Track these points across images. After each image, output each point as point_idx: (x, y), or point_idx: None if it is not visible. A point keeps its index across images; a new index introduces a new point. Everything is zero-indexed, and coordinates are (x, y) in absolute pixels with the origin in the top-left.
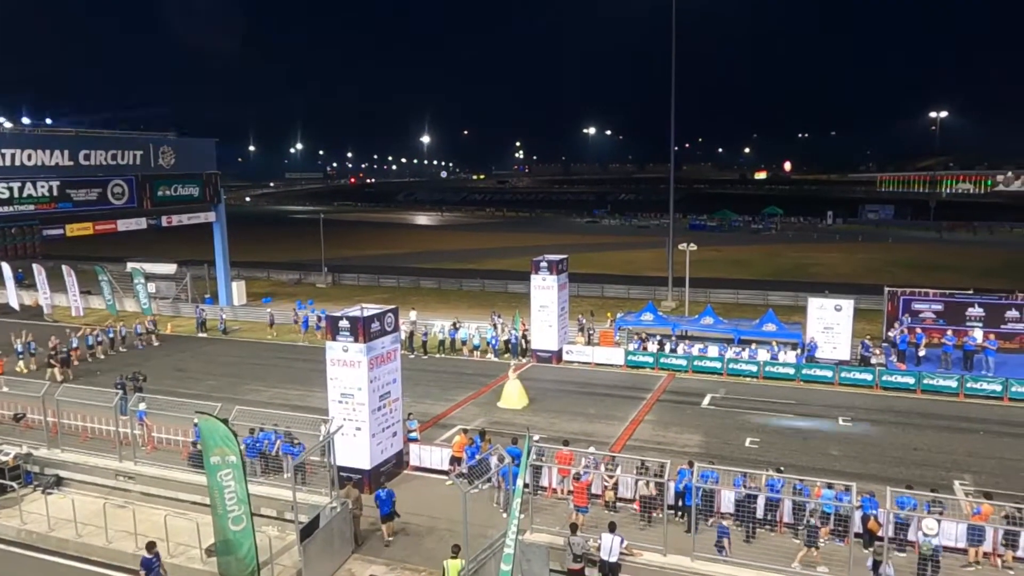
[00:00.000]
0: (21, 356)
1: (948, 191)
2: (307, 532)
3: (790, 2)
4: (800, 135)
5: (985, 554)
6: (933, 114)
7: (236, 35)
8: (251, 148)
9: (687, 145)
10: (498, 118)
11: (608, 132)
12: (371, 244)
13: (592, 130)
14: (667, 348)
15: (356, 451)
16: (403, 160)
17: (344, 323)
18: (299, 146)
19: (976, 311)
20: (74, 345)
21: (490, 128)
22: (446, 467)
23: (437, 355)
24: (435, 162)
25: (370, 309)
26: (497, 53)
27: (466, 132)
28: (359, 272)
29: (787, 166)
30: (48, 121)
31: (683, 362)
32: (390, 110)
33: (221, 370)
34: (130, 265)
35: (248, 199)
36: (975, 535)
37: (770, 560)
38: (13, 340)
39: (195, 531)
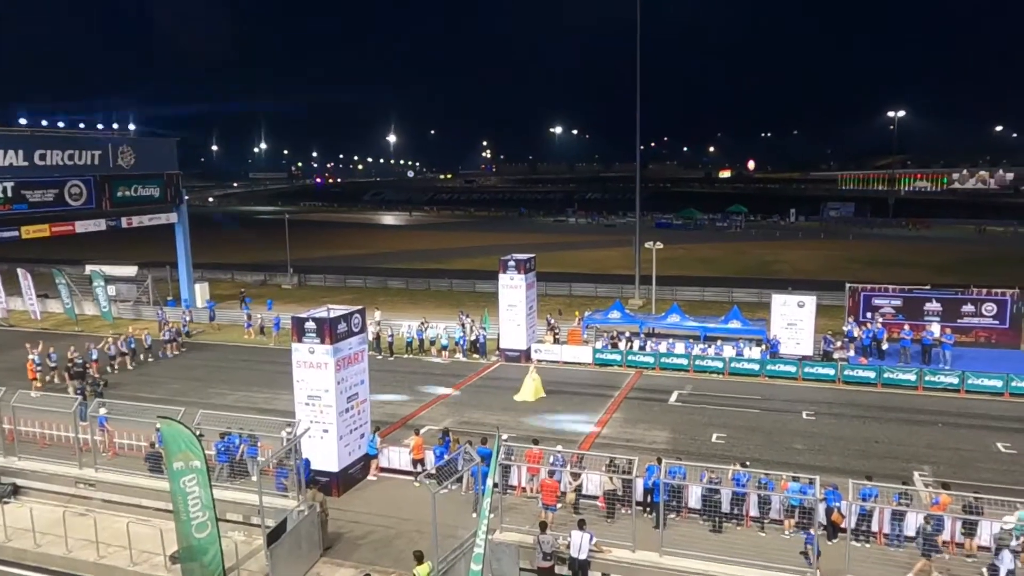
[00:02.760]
0: (39, 368)
1: (906, 189)
2: (274, 536)
3: (754, 4)
4: (763, 135)
5: (944, 543)
6: (891, 114)
7: (198, 33)
8: (214, 148)
9: (653, 144)
10: (465, 117)
11: (575, 132)
12: (338, 245)
13: (559, 129)
14: (635, 346)
15: (323, 453)
16: (369, 160)
17: (310, 324)
18: (263, 146)
19: (933, 306)
20: (93, 357)
21: (457, 127)
22: (415, 468)
23: (405, 356)
24: (402, 162)
25: (336, 310)
26: (463, 52)
27: (433, 131)
28: (325, 273)
29: (751, 165)
30: None
31: (650, 359)
32: (356, 109)
33: (185, 373)
34: (89, 267)
35: (211, 200)
36: (936, 525)
37: (737, 554)
38: (29, 351)
39: (159, 538)
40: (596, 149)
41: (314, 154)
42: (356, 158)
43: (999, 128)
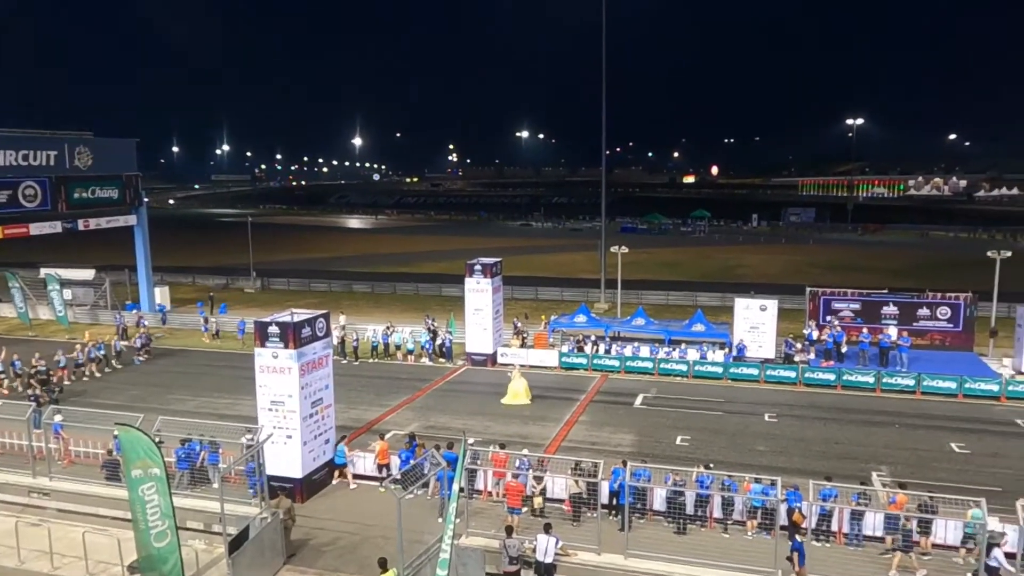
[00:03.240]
0: (2, 375)
1: (864, 195)
2: (236, 544)
3: (717, 13)
4: (726, 141)
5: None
6: (850, 122)
7: (159, 33)
8: (175, 149)
9: (618, 149)
10: (431, 121)
11: (541, 136)
12: (302, 248)
13: (525, 134)
14: (600, 349)
15: (287, 460)
16: (334, 162)
17: (273, 329)
18: (225, 147)
19: (890, 309)
20: (61, 364)
21: (423, 131)
22: (380, 474)
23: (370, 360)
24: (367, 164)
25: (300, 314)
26: (430, 56)
27: (399, 134)
28: (289, 276)
29: (714, 170)
30: None
31: (616, 363)
32: (320, 112)
33: (144, 379)
34: (44, 271)
35: (172, 202)
36: (891, 524)
37: (701, 555)
38: None
39: (116, 548)
40: (562, 153)
41: (278, 156)
42: (321, 161)
43: (953, 137)
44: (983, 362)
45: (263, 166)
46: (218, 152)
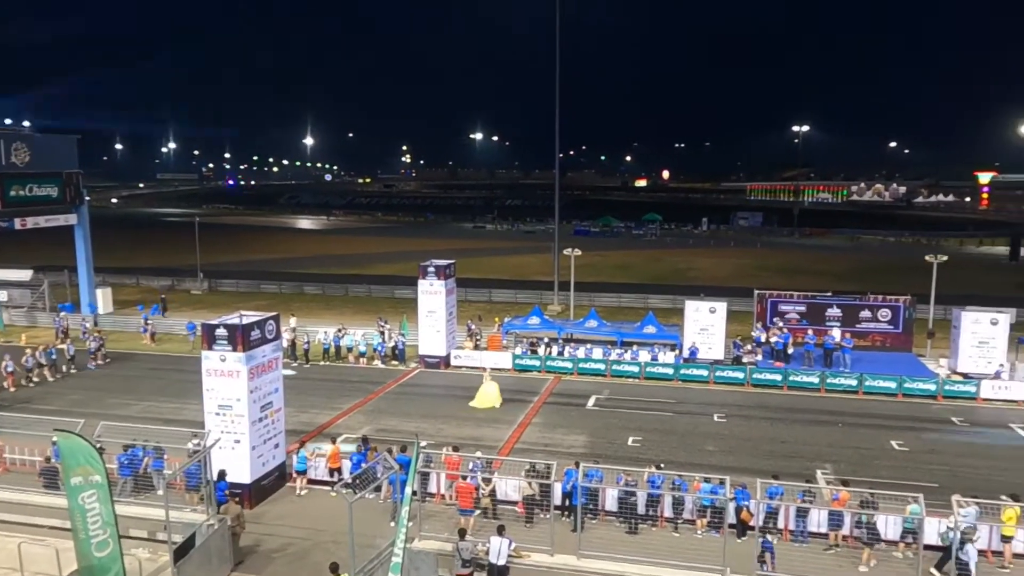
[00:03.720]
0: None
1: (810, 200)
2: (181, 552)
3: (669, 20)
4: (677, 145)
5: (844, 537)
6: (796, 128)
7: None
8: (118, 147)
9: (572, 152)
10: (384, 121)
11: (495, 138)
12: (251, 249)
13: (479, 136)
14: (553, 351)
15: (236, 465)
16: (285, 162)
17: (221, 331)
18: (172, 145)
19: (834, 312)
20: (9, 369)
21: (376, 131)
22: (332, 478)
23: (321, 363)
24: (319, 164)
25: (249, 316)
26: (384, 56)
27: (351, 135)
28: (238, 278)
29: (665, 174)
30: None
31: (569, 364)
32: (270, 110)
33: (86, 383)
34: None
35: (115, 201)
36: (835, 520)
37: (652, 554)
38: None
39: (54, 558)
40: (516, 156)
41: (227, 155)
42: (271, 160)
43: (893, 144)
44: (921, 363)
45: (211, 165)
46: (164, 150)
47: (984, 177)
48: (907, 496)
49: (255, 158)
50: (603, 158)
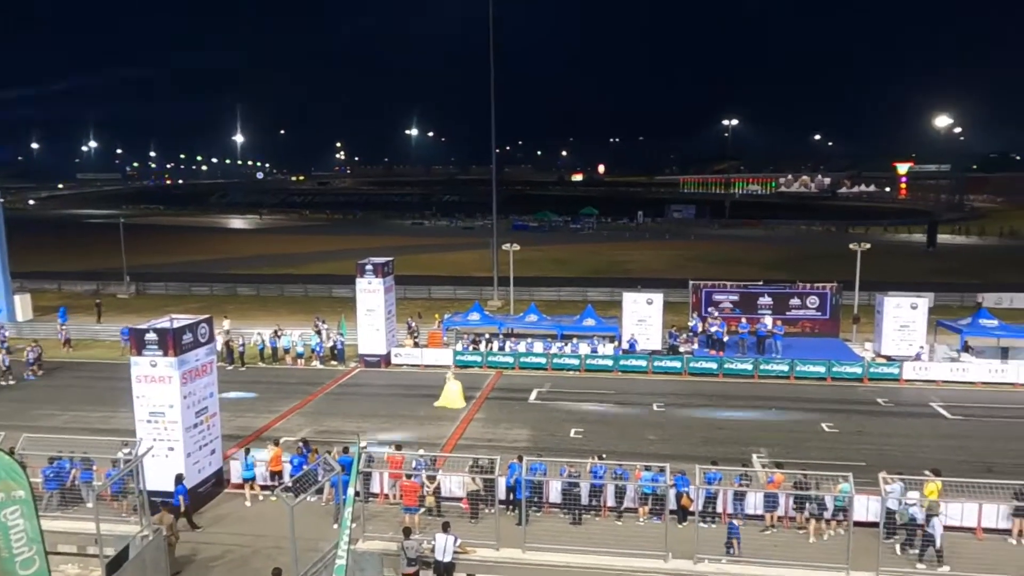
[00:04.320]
0: None
1: (740, 192)
2: (114, 566)
3: (601, 14)
4: (612, 140)
5: (779, 518)
6: (726, 122)
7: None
8: (34, 145)
9: (508, 148)
10: (317, 117)
11: (431, 134)
12: (181, 250)
13: (415, 132)
14: (494, 347)
15: (170, 473)
16: (214, 160)
17: (151, 336)
18: (92, 144)
19: (766, 300)
20: None
21: (309, 127)
22: (264, 482)
23: (259, 365)
24: (250, 162)
25: (181, 319)
26: (315, 49)
27: (283, 131)
28: (167, 280)
29: (601, 169)
30: None
31: (510, 359)
32: (197, 106)
33: (12, 395)
34: None
35: (32, 202)
36: (770, 502)
37: (596, 544)
38: None
39: None
40: (453, 152)
41: (152, 153)
42: (200, 158)
43: (817, 137)
44: (848, 347)
45: (135, 164)
46: (84, 148)
47: (902, 168)
48: (837, 475)
49: (182, 156)
50: (539, 153)
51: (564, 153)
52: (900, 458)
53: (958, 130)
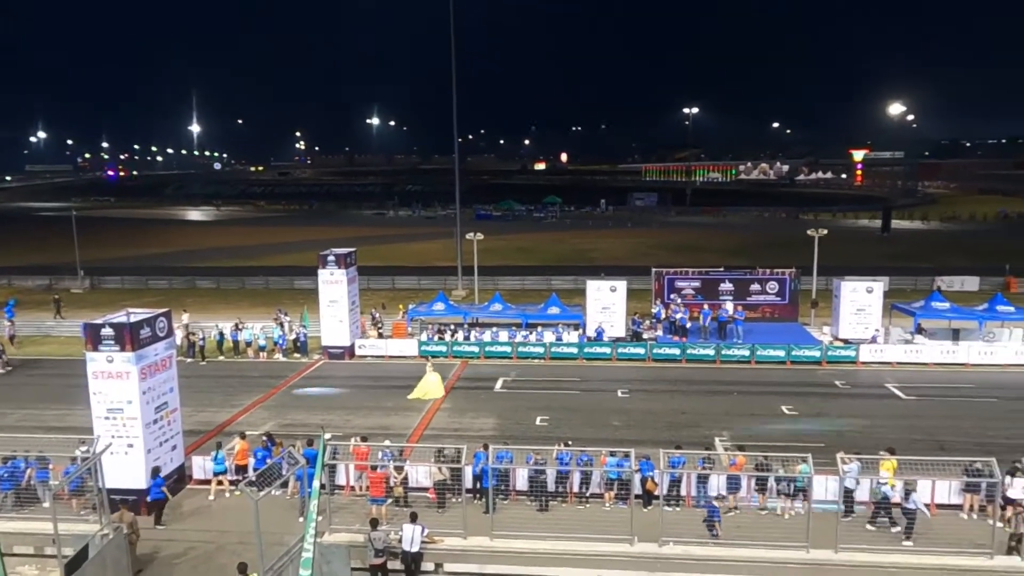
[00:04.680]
0: None
1: (701, 180)
2: (74, 566)
3: (563, 3)
4: (574, 128)
5: (741, 498)
6: (686, 110)
7: None
8: None
9: (470, 137)
10: (276, 106)
11: (392, 123)
12: (137, 243)
13: (376, 121)
14: (460, 336)
15: (130, 470)
16: (169, 151)
17: (107, 331)
18: (41, 134)
19: (727, 286)
20: None
21: (267, 117)
22: (232, 477)
23: (219, 359)
24: (207, 153)
25: (138, 314)
26: (272, 38)
27: (241, 121)
28: (123, 274)
29: (564, 157)
30: None
31: (475, 349)
32: (152, 95)
33: None
34: None
35: None
36: (733, 484)
37: (563, 529)
38: None
39: None
40: (415, 141)
41: (104, 144)
42: (154, 149)
43: (776, 125)
44: (806, 331)
45: (87, 155)
46: (33, 139)
47: (858, 155)
48: (797, 457)
49: (136, 147)
50: (502, 142)
51: (527, 142)
52: (857, 438)
53: (911, 118)
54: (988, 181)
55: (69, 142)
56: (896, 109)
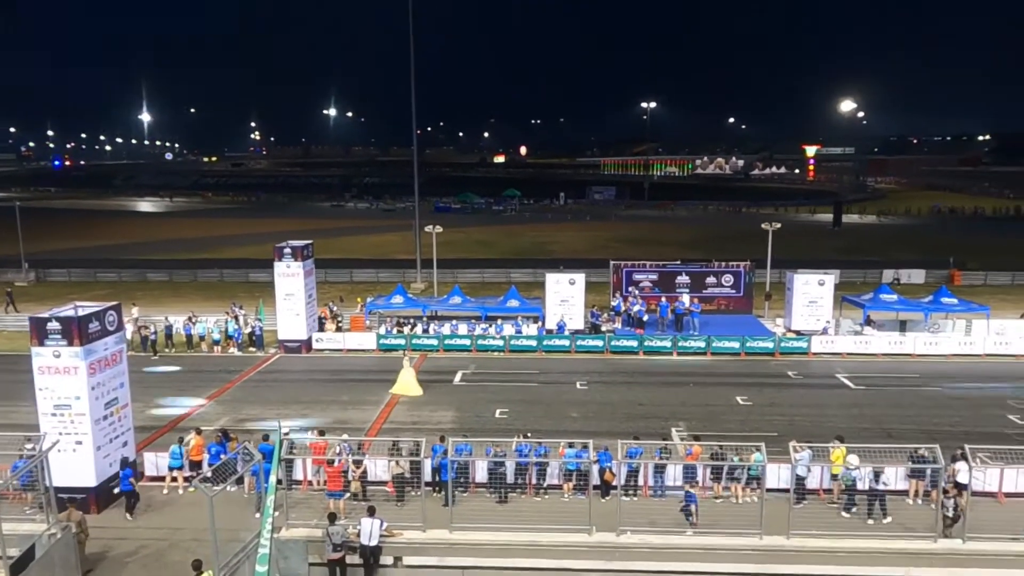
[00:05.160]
0: None
1: (659, 174)
2: (20, 567)
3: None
4: (534, 121)
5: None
6: (644, 105)
7: None
8: None
9: (429, 129)
10: (230, 96)
11: (350, 114)
12: (84, 235)
13: (333, 112)
14: (419, 329)
15: (78, 468)
16: (119, 140)
17: (54, 325)
18: None
19: (684, 279)
20: None
21: (221, 106)
22: (187, 473)
23: (172, 353)
24: (157, 142)
25: (86, 307)
26: (226, 26)
27: (193, 110)
28: (70, 267)
29: (523, 150)
30: None
31: (435, 342)
32: (99, 83)
33: None
34: None
35: None
36: (689, 473)
37: (522, 521)
38: None
39: None
40: (373, 133)
41: (49, 133)
42: (103, 138)
43: (732, 120)
44: (760, 323)
45: (31, 143)
46: None
47: (810, 150)
48: (751, 446)
49: (84, 136)
50: (461, 134)
51: (486, 135)
52: (809, 427)
53: (861, 115)
54: (933, 177)
55: (12, 130)
56: (847, 106)
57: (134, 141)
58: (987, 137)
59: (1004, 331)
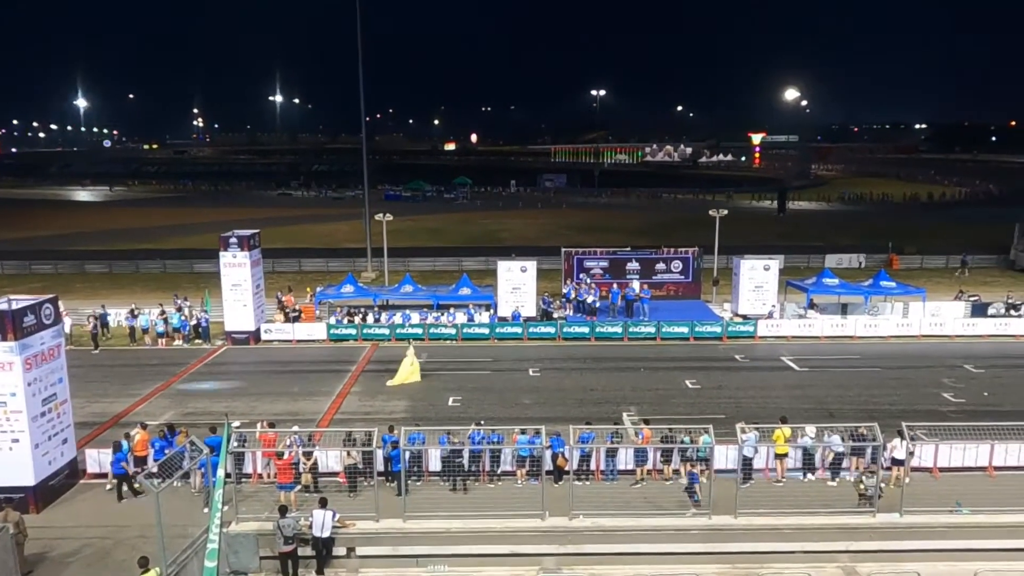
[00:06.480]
0: None
1: (609, 161)
2: None
3: None
4: (484, 108)
5: (648, 471)
6: (594, 93)
7: None
8: None
9: (378, 116)
10: (171, 81)
11: (296, 101)
12: (17, 225)
13: (279, 98)
14: (370, 319)
15: (15, 466)
16: (53, 127)
17: None
18: None
19: (633, 265)
20: None
21: (162, 92)
22: (132, 469)
23: (115, 347)
24: (95, 129)
25: (20, 300)
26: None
27: (132, 96)
28: (2, 259)
29: (474, 138)
30: None
31: (386, 331)
32: (32, 68)
33: None
34: None
35: None
36: (640, 456)
37: (476, 508)
38: None
39: None
40: (320, 120)
41: None
42: (36, 125)
43: (680, 108)
44: (708, 308)
45: None
46: None
47: (756, 138)
48: (699, 428)
49: (16, 122)
50: (411, 121)
51: (436, 122)
52: (755, 409)
53: (804, 103)
54: (872, 165)
55: None
56: (791, 95)
57: (70, 128)
58: (923, 126)
59: (939, 312)
